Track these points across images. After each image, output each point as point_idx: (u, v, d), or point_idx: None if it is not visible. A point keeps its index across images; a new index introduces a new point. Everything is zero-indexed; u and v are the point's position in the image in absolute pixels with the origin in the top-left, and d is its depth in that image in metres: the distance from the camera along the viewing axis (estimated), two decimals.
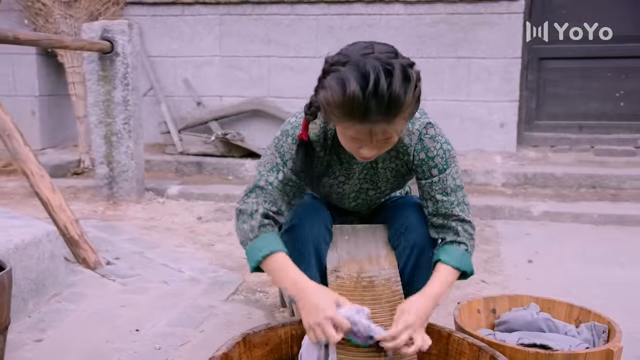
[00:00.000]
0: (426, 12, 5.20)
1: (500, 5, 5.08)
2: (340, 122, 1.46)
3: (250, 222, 1.64)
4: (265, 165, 1.70)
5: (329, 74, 1.43)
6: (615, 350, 1.58)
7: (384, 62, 1.37)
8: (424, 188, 1.72)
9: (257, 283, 2.77)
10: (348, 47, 1.48)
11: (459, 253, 1.67)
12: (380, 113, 1.38)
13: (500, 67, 5.11)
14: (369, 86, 1.35)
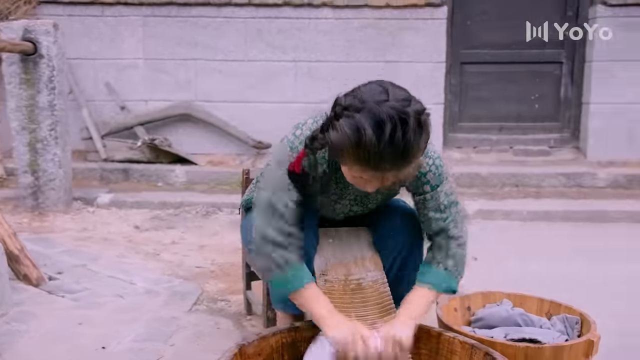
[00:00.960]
0: (354, 17, 5.28)
1: (424, 11, 5.24)
2: (351, 166, 1.45)
3: (275, 250, 1.59)
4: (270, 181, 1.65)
5: (342, 118, 1.42)
6: (595, 340, 1.69)
7: (400, 110, 1.37)
8: (418, 205, 1.73)
9: (217, 292, 2.71)
10: (362, 90, 1.46)
11: (436, 273, 1.68)
12: (394, 162, 1.39)
13: (426, 71, 5.28)
14: (385, 136, 1.35)
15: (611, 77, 5.22)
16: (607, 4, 5.14)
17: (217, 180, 5.05)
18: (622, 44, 5.17)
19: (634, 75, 5.20)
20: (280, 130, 6.19)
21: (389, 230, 1.85)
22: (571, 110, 5.51)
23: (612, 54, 5.19)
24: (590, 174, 4.96)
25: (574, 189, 4.89)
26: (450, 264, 1.69)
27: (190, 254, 3.30)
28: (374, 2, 5.23)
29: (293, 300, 1.64)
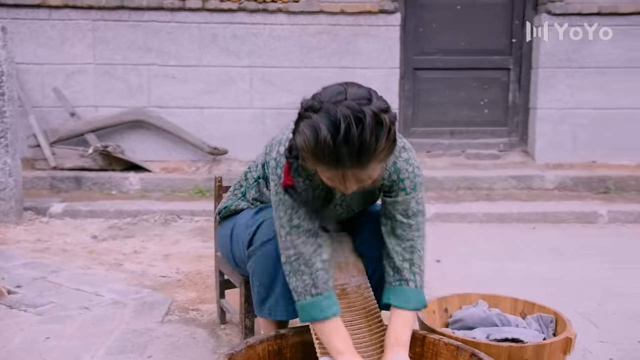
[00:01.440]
0: (309, 23, 5.31)
1: (378, 18, 5.32)
2: (314, 166, 1.48)
3: (310, 274, 1.61)
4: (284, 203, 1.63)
5: (303, 120, 1.44)
6: (572, 337, 1.75)
7: (355, 109, 1.38)
8: (387, 206, 1.74)
9: (188, 301, 2.67)
10: (322, 91, 1.47)
11: (408, 293, 1.70)
12: (352, 160, 1.40)
13: (381, 77, 5.36)
14: (339, 134, 1.36)
15: (556, 84, 5.43)
16: (551, 13, 5.35)
17: (172, 188, 4.97)
18: (565, 52, 5.40)
19: (577, 81, 5.43)
20: (236, 136, 6.23)
21: (373, 237, 1.86)
22: (519, 115, 5.70)
23: (557, 61, 5.40)
24: (539, 176, 5.15)
25: (525, 191, 5.06)
26: (418, 279, 1.72)
27: (155, 264, 3.24)
28: (328, 9, 5.28)
29: (314, 327, 1.64)
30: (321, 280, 1.61)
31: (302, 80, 5.35)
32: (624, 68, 5.43)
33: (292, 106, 5.36)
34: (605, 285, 2.99)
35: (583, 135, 5.50)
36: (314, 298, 1.60)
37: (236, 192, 2.05)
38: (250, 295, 2.10)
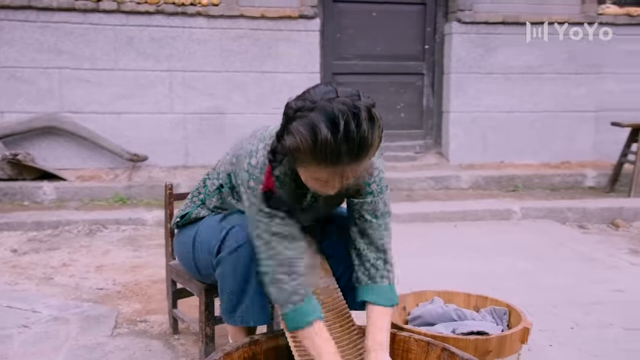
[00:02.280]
0: (229, 27, 5.27)
1: (298, 23, 5.37)
2: (309, 167, 1.46)
3: (290, 282, 1.61)
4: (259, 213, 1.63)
5: (295, 120, 1.44)
6: (529, 327, 1.88)
7: (350, 105, 1.41)
8: (355, 207, 1.78)
9: (134, 313, 2.59)
10: (310, 91, 1.48)
11: (385, 290, 1.75)
12: (352, 156, 1.42)
13: (302, 81, 5.40)
14: (339, 131, 1.38)
15: (467, 88, 5.72)
16: (461, 22, 5.63)
17: (91, 197, 4.77)
18: (474, 58, 5.70)
19: (485, 86, 5.75)
20: (157, 141, 6.06)
21: (341, 238, 1.90)
22: (433, 118, 5.95)
23: (467, 67, 5.69)
24: (455, 176, 5.40)
25: (442, 191, 5.29)
26: (392, 276, 1.78)
27: (88, 276, 3.10)
28: (249, 13, 5.26)
29: (296, 334, 1.64)
30: (301, 287, 1.62)
31: (224, 84, 5.31)
32: (526, 74, 5.81)
33: (213, 111, 5.33)
34: (529, 278, 3.20)
35: (492, 137, 5.83)
36: (295, 306, 1.60)
37: (194, 200, 2.02)
38: (210, 304, 2.09)
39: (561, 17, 5.79)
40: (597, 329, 2.52)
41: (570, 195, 5.27)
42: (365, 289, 1.76)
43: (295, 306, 1.61)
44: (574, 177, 5.62)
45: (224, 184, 1.87)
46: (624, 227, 4.56)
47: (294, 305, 1.61)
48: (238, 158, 1.71)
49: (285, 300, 1.61)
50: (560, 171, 5.71)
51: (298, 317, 1.61)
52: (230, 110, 5.35)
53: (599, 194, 5.38)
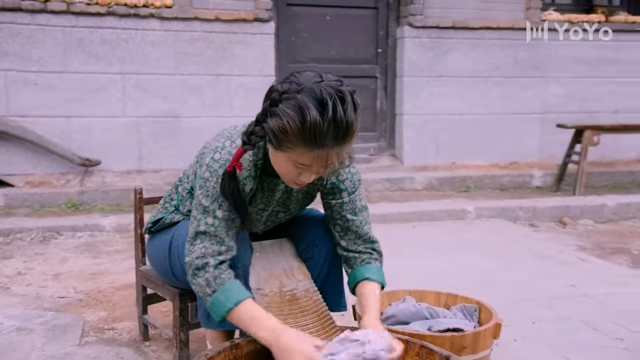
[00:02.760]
0: (183, 29, 5.22)
1: (253, 26, 5.37)
2: (295, 149, 1.47)
3: (205, 275, 1.59)
4: (198, 208, 1.63)
5: (282, 102, 1.45)
6: (501, 323, 1.94)
7: (337, 89, 1.45)
8: (334, 208, 1.81)
9: (100, 321, 2.53)
10: (296, 75, 1.51)
11: (379, 270, 1.82)
12: (338, 138, 1.46)
13: (257, 84, 5.40)
14: (328, 112, 1.41)
15: (419, 91, 5.84)
16: (413, 26, 5.74)
17: (42, 203, 4.62)
18: (426, 62, 5.82)
19: (437, 89, 5.88)
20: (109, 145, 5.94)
21: (314, 239, 1.92)
22: (386, 121, 6.04)
23: (419, 71, 5.81)
24: (409, 178, 5.50)
25: (397, 192, 5.38)
26: (380, 261, 1.85)
27: (47, 284, 3.02)
28: (203, 15, 5.22)
29: (234, 321, 1.62)
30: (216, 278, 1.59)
31: (178, 87, 5.24)
32: (475, 77, 5.97)
33: (168, 114, 5.26)
34: (488, 275, 3.30)
35: (444, 139, 5.96)
36: (212, 297, 1.58)
37: (167, 206, 2.00)
38: (185, 309, 2.07)
39: (507, 22, 5.98)
40: (556, 323, 2.62)
41: (519, 195, 5.45)
42: (358, 269, 1.81)
43: (217, 289, 1.57)
44: (522, 177, 5.81)
45: (194, 187, 1.86)
46: (571, 224, 4.75)
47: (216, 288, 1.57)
48: (202, 155, 1.72)
49: (208, 285, 1.58)
50: (509, 171, 5.90)
51: (226, 298, 1.56)
52: (185, 114, 5.29)
53: (546, 193, 5.58)
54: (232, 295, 1.58)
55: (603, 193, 5.46)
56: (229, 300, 1.58)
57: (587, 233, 4.51)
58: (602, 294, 3.02)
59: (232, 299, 1.58)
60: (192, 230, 1.63)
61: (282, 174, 1.61)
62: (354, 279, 1.82)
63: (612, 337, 2.48)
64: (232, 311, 1.57)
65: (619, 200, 5.09)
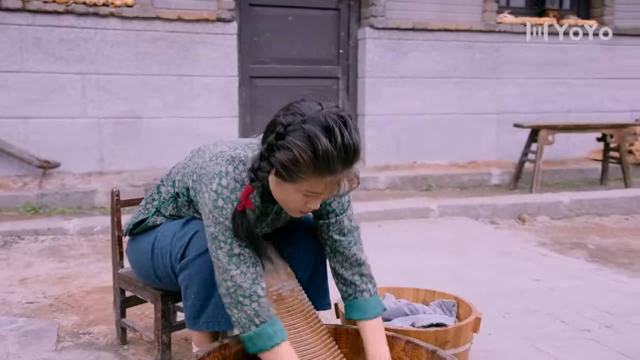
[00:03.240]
0: (144, 29, 5.15)
1: (216, 27, 5.34)
2: (307, 179, 1.50)
3: (253, 304, 1.60)
4: (224, 233, 1.61)
5: (289, 134, 1.47)
6: (480, 317, 2.01)
7: (339, 115, 1.49)
8: (322, 228, 1.84)
9: (74, 326, 2.49)
10: (297, 106, 1.52)
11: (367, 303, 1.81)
12: (348, 163, 1.50)
13: (220, 84, 5.38)
14: (337, 139, 1.45)
15: (380, 92, 5.92)
16: (374, 27, 5.82)
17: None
18: (387, 63, 5.91)
19: (398, 90, 5.98)
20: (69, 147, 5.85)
21: (301, 244, 1.94)
22: None
23: (380, 72, 5.89)
24: (372, 177, 5.57)
25: (362, 192, 5.44)
26: (371, 287, 1.86)
27: (13, 290, 2.94)
28: (165, 15, 5.17)
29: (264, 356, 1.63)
30: (264, 309, 1.62)
31: (140, 87, 5.17)
32: (435, 78, 6.09)
33: (129, 115, 5.18)
34: (455, 272, 3.38)
35: (405, 139, 6.06)
36: (259, 328, 1.60)
37: (148, 207, 1.99)
38: (167, 310, 2.06)
39: (465, 24, 6.12)
40: (526, 316, 2.71)
41: (479, 193, 5.59)
42: (349, 307, 1.83)
43: (258, 328, 1.60)
44: (480, 176, 5.96)
45: (181, 194, 1.85)
46: (530, 221, 4.91)
47: (257, 327, 1.60)
48: (201, 178, 1.68)
49: (247, 322, 1.60)
50: (468, 170, 6.04)
51: (262, 339, 1.60)
52: (147, 114, 5.22)
53: (504, 191, 5.75)
54: (279, 331, 1.61)
55: (557, 190, 5.66)
56: (277, 336, 1.61)
57: (545, 229, 4.66)
58: (566, 288, 3.14)
59: (279, 336, 1.61)
60: (223, 254, 1.61)
61: (287, 204, 1.63)
62: (348, 315, 1.84)
63: (579, 328, 2.59)
64: (276, 347, 1.60)
65: (573, 197, 5.28)
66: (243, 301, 1.60)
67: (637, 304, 2.90)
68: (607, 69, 6.77)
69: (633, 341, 2.46)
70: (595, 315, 2.73)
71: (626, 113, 6.90)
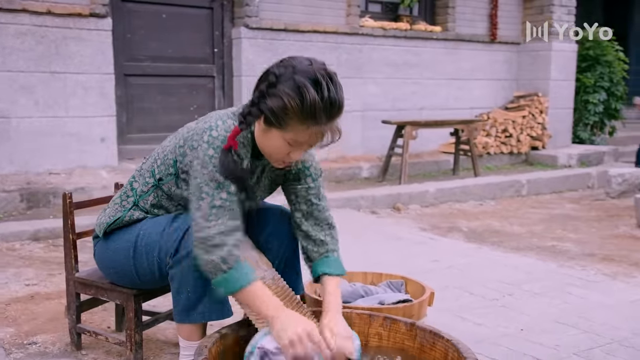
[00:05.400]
0: (9, 22, 4.78)
1: (89, 22, 5.10)
2: (294, 126, 1.63)
3: (222, 252, 1.65)
4: (208, 184, 1.67)
5: (280, 83, 1.61)
6: (434, 292, 2.27)
7: (327, 70, 1.65)
8: (299, 193, 1.97)
9: (16, 337, 2.35)
10: (288, 60, 1.67)
11: (336, 261, 1.98)
12: (332, 115, 1.65)
13: (95, 82, 5.16)
14: (324, 92, 1.61)
15: None
16: (249, 27, 5.93)
17: None
18: (263, 62, 6.04)
19: None
20: None
21: (275, 231, 2.05)
22: None
23: (256, 70, 5.99)
24: None
25: None
26: (338, 249, 2.03)
27: None
28: (32, 8, 4.84)
29: (241, 298, 1.72)
30: (237, 249, 1.68)
31: (6, 85, 4.79)
32: None
33: None
34: (362, 258, 3.62)
35: None
36: (235, 265, 1.66)
37: (124, 204, 1.97)
38: (139, 310, 2.06)
39: (332, 27, 6.46)
40: (440, 292, 3.00)
41: (352, 186, 5.95)
42: (319, 263, 1.97)
43: (233, 266, 1.66)
44: (352, 170, 6.34)
45: (165, 176, 1.87)
46: (404, 209, 5.36)
47: (232, 265, 1.66)
48: (190, 138, 1.75)
49: (223, 261, 1.65)
50: (340, 165, 6.38)
51: (240, 276, 1.66)
52: (15, 114, 4.86)
53: (373, 183, 6.17)
54: (246, 273, 1.68)
55: (420, 181, 6.20)
56: (243, 278, 1.67)
57: (419, 216, 5.13)
58: (462, 265, 3.55)
59: (246, 278, 1.68)
60: (205, 205, 1.66)
61: (271, 153, 1.74)
62: (315, 273, 1.98)
63: (488, 298, 2.97)
64: (244, 288, 1.67)
65: (437, 186, 5.85)
66: (213, 250, 1.65)
67: (521, 276, 3.37)
68: (451, 70, 7.51)
69: (530, 304, 2.90)
70: (496, 287, 3.15)
71: (467, 110, 7.71)
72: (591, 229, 4.77)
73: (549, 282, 3.25)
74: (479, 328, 2.57)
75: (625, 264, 3.69)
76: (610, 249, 4.09)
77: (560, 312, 2.78)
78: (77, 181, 4.88)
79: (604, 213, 5.44)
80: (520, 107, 7.75)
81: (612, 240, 4.39)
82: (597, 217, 5.23)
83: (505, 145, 7.50)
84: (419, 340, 1.91)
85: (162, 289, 2.11)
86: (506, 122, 7.46)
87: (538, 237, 4.41)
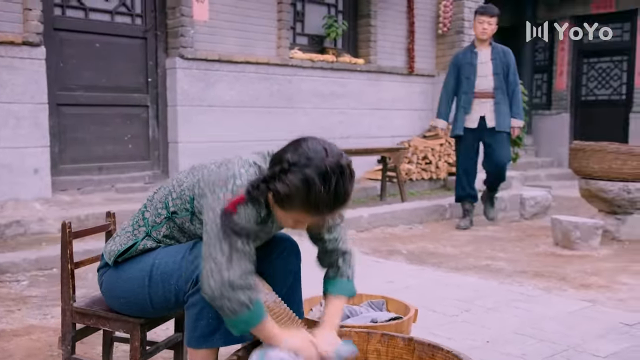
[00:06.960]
0: None
1: (22, 50, 4.97)
2: (298, 212, 1.75)
3: (246, 293, 1.76)
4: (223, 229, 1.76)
5: (291, 173, 1.70)
6: (417, 309, 2.44)
7: (339, 164, 1.73)
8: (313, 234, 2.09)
9: None
10: (303, 146, 1.74)
11: (343, 283, 2.12)
12: (336, 207, 1.77)
13: (29, 112, 5.00)
14: (331, 187, 1.70)
15: (192, 120, 6.07)
16: (184, 58, 5.97)
17: None
18: (197, 92, 6.10)
19: (208, 118, 6.19)
20: None
21: (278, 257, 2.15)
22: (160, 149, 6.12)
23: (190, 100, 6.05)
24: None
25: None
26: (350, 272, 2.15)
27: None
28: None
29: (255, 331, 1.82)
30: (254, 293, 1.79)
31: None
32: (240, 107, 6.46)
33: None
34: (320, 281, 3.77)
35: None
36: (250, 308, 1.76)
37: (136, 233, 2.00)
38: (144, 339, 2.09)
39: (263, 58, 6.62)
40: None
41: None
42: (328, 283, 2.12)
43: (249, 308, 1.76)
44: None
45: (180, 210, 1.93)
46: None
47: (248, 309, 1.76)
48: (214, 182, 1.81)
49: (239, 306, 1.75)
50: None
51: (255, 316, 1.78)
52: None
53: None
54: (261, 312, 1.80)
55: (354, 207, 6.41)
56: (260, 316, 1.79)
57: (359, 241, 5.33)
58: (415, 285, 3.76)
59: (261, 316, 1.80)
60: (226, 247, 1.75)
61: (279, 219, 1.88)
62: (326, 290, 2.12)
63: (449, 315, 3.19)
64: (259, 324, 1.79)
65: (369, 212, 6.09)
66: (237, 291, 1.74)
67: (471, 293, 3.63)
68: (374, 100, 7.87)
69: (487, 319, 3.14)
70: (453, 304, 3.38)
71: (389, 138, 8.07)
72: (516, 248, 5.16)
73: (497, 297, 3.53)
74: (450, 342, 2.76)
75: (555, 279, 4.06)
76: (538, 265, 4.47)
77: (516, 324, 3.04)
78: (10, 214, 4.70)
79: (522, 233, 5.89)
80: (437, 136, 8.22)
81: (537, 257, 4.79)
82: (518, 237, 5.66)
83: (425, 172, 7.90)
84: (417, 353, 2.07)
85: (164, 318, 2.14)
86: (426, 150, 7.88)
87: (473, 257, 4.73)
